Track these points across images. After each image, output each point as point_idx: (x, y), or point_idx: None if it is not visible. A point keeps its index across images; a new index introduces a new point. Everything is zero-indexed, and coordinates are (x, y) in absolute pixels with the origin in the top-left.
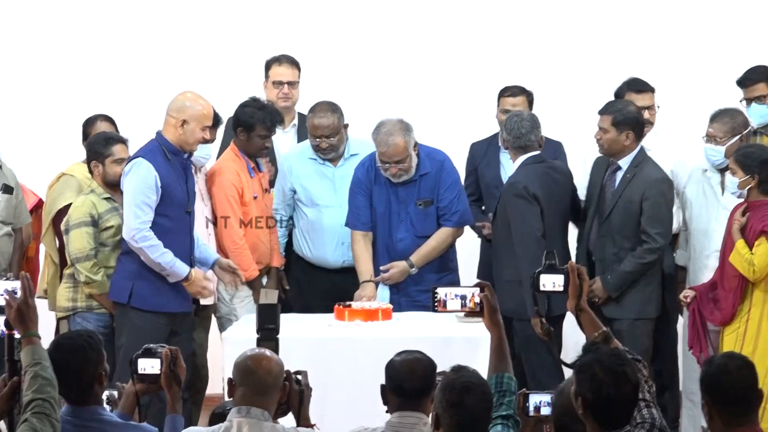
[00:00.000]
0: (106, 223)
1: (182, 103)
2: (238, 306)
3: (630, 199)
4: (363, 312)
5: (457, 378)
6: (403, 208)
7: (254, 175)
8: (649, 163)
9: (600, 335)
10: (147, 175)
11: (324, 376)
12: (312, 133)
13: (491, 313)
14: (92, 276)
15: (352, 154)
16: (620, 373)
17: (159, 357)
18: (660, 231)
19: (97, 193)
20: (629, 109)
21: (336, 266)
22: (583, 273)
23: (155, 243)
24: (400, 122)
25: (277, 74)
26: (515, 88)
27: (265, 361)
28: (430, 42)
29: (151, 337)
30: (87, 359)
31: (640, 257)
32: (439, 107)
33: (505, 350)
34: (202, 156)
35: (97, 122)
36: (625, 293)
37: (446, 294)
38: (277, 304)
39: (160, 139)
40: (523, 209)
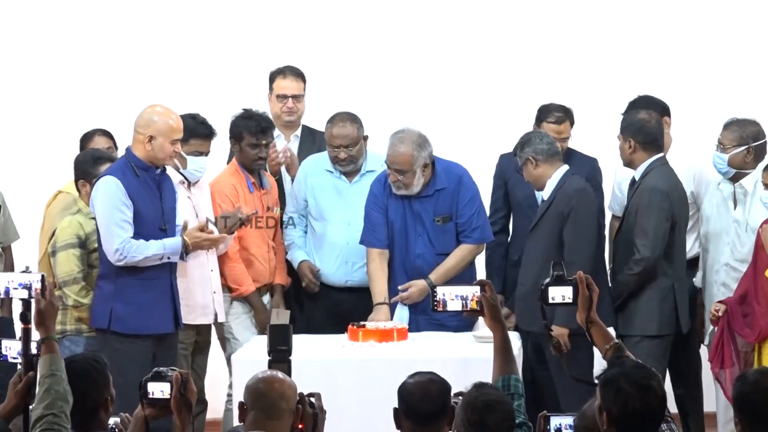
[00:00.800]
0: (94, 243)
1: (149, 118)
2: (234, 323)
3: (631, 213)
4: (377, 332)
5: (479, 396)
6: (419, 223)
7: (254, 190)
8: (656, 173)
9: (611, 348)
10: (114, 190)
11: (337, 399)
12: (330, 143)
13: (493, 312)
14: (80, 299)
15: (368, 170)
16: (647, 386)
17: (169, 380)
18: (644, 243)
19: (84, 213)
20: (634, 117)
21: (339, 285)
22: (593, 284)
23: (136, 245)
24: (419, 135)
25: (281, 87)
26: (558, 113)
27: (278, 383)
28: (449, 49)
29: (134, 361)
30: (92, 384)
31: (628, 267)
32: (458, 116)
33: (509, 350)
34: (195, 170)
35: (95, 137)
36: (623, 309)
37: (445, 294)
38: (289, 325)
39: (129, 155)
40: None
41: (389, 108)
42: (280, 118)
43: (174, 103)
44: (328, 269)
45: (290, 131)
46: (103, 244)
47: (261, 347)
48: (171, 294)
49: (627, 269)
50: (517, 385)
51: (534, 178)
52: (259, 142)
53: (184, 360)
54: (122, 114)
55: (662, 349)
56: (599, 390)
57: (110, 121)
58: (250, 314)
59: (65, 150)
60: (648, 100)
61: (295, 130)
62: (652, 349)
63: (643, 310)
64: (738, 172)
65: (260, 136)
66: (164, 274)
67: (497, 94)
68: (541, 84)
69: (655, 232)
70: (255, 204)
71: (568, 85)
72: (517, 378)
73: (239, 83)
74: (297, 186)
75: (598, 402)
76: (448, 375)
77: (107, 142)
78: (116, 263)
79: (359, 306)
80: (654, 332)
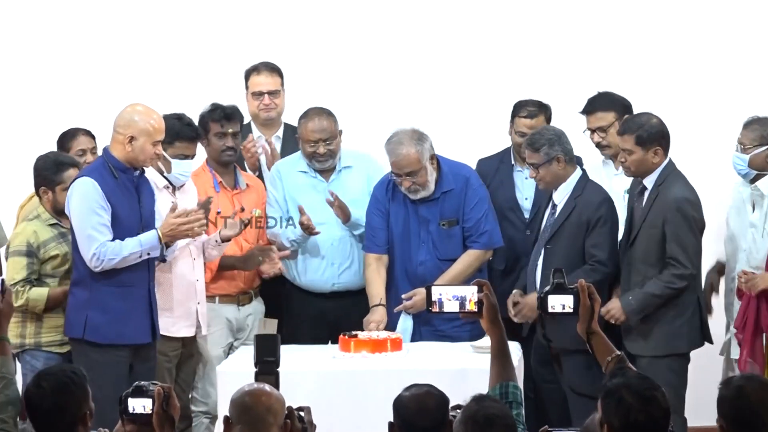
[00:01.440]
0: (49, 252)
1: (130, 118)
2: (208, 339)
3: (653, 224)
4: (370, 342)
5: (479, 410)
6: (423, 228)
7: (220, 190)
8: (674, 180)
9: (613, 360)
10: (92, 192)
11: (328, 413)
12: (308, 139)
13: (492, 313)
14: (19, 300)
15: (344, 167)
16: (650, 397)
17: (151, 395)
18: (687, 256)
19: (42, 219)
20: (652, 123)
21: (324, 290)
22: (594, 293)
23: (111, 247)
24: (413, 131)
25: (256, 84)
26: (532, 107)
27: (265, 396)
28: (430, 45)
29: (112, 372)
30: (70, 397)
31: (668, 281)
32: (436, 118)
33: (507, 355)
34: (180, 174)
35: (78, 136)
36: (650, 327)
37: (442, 294)
38: (277, 335)
39: (107, 156)
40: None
41: (370, 103)
42: (258, 117)
43: (156, 102)
44: (313, 273)
45: (271, 131)
46: (80, 249)
47: (247, 358)
48: (149, 303)
49: (665, 281)
50: (516, 393)
51: (552, 177)
52: (225, 131)
53: (168, 373)
54: (100, 113)
55: (686, 365)
56: (600, 402)
57: (90, 120)
58: (222, 329)
59: (44, 150)
60: (610, 97)
61: (276, 130)
62: (681, 367)
63: (669, 327)
64: (758, 174)
65: (225, 123)
66: (142, 282)
67: (475, 97)
68: (523, 86)
69: (693, 245)
70: (221, 203)
71: (551, 88)
72: (515, 385)
73: (225, 83)
74: (274, 189)
75: (600, 415)
76: (445, 387)
77: (90, 141)
78: (94, 269)
79: (349, 314)
80: (684, 349)
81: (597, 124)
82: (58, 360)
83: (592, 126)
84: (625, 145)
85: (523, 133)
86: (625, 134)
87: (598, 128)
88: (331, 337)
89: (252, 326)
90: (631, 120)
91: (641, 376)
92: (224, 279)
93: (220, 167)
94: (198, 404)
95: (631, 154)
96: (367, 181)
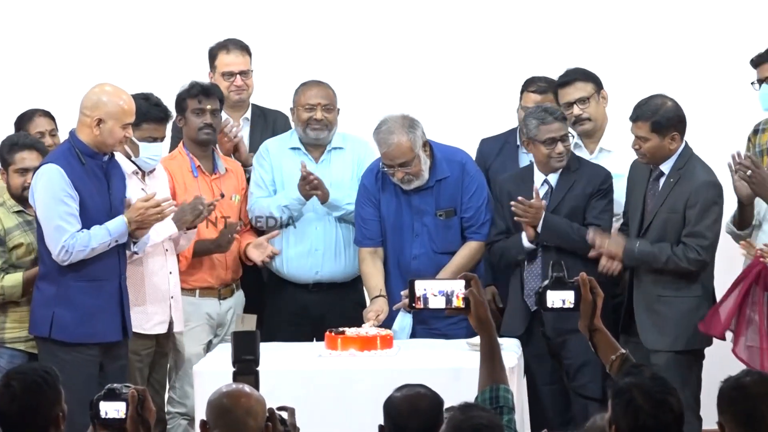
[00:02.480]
0: (15, 240)
1: (97, 99)
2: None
3: (673, 209)
4: (359, 340)
5: (465, 419)
6: (418, 219)
7: (198, 174)
8: (696, 164)
9: (618, 358)
10: (58, 180)
11: (313, 415)
12: (306, 103)
13: (480, 310)
14: None
15: (334, 147)
16: (661, 401)
17: (124, 399)
18: (703, 244)
19: (7, 206)
20: (667, 107)
21: (308, 281)
22: (596, 287)
23: (79, 238)
24: (403, 118)
25: (226, 64)
26: (542, 83)
27: (244, 398)
28: (426, 20)
29: (81, 372)
30: (42, 398)
31: (681, 258)
32: (434, 97)
33: (498, 355)
34: (149, 158)
35: (35, 118)
36: (665, 320)
37: (427, 289)
38: (256, 331)
39: (74, 140)
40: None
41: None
42: (227, 99)
43: (124, 82)
44: (295, 261)
45: (239, 114)
46: (46, 242)
47: (226, 356)
48: (119, 299)
49: (679, 259)
50: (507, 396)
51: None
52: (203, 107)
53: (139, 373)
54: (65, 93)
55: (702, 362)
56: (610, 401)
57: (51, 101)
58: (202, 325)
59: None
60: (582, 72)
61: (244, 112)
62: (698, 364)
63: (688, 321)
64: None
65: (203, 99)
66: (113, 276)
67: (476, 76)
68: (526, 66)
69: (715, 234)
70: (199, 188)
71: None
72: (506, 388)
73: (183, 62)
74: (261, 167)
75: (609, 414)
76: (439, 387)
77: (48, 123)
78: (62, 263)
79: (334, 309)
80: (704, 344)
81: (577, 95)
82: (23, 359)
83: (572, 98)
84: (640, 132)
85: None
86: (638, 120)
87: (578, 99)
88: (315, 334)
89: (232, 321)
90: (645, 105)
91: (655, 376)
92: (204, 269)
93: (197, 150)
94: (175, 405)
95: (647, 141)
96: (357, 165)
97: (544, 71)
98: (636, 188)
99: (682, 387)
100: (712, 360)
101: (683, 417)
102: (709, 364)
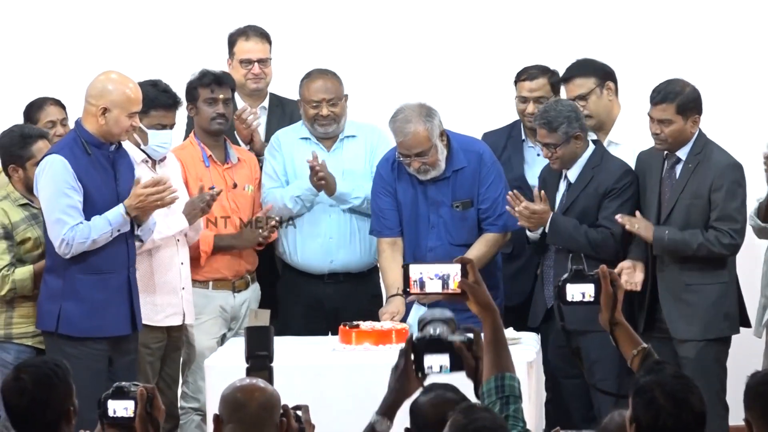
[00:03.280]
0: (22, 234)
1: (103, 87)
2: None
3: (696, 194)
4: (373, 334)
5: (468, 424)
6: (434, 210)
7: (210, 164)
8: (713, 147)
9: (639, 353)
10: (62, 172)
11: (327, 411)
12: (310, 99)
13: (477, 295)
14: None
15: (347, 136)
16: (683, 399)
17: (133, 397)
18: (735, 227)
19: (11, 199)
20: (690, 88)
21: (321, 272)
22: (617, 279)
23: (79, 230)
24: (420, 107)
25: (245, 51)
26: (534, 69)
27: (258, 392)
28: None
29: (90, 367)
30: (53, 392)
31: (713, 243)
32: (444, 89)
33: (503, 342)
34: (158, 145)
35: (46, 107)
36: (694, 309)
37: (423, 273)
38: (270, 327)
39: (79, 129)
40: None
41: (367, 73)
42: (244, 87)
43: (128, 70)
44: (309, 252)
45: (257, 102)
46: (49, 234)
47: (237, 351)
48: (128, 291)
49: (711, 244)
50: (513, 385)
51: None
52: (216, 96)
53: (150, 367)
54: (72, 81)
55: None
56: (630, 398)
57: (59, 90)
58: (215, 318)
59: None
60: (589, 63)
61: (261, 101)
62: (726, 353)
63: (717, 308)
64: None
65: (216, 89)
66: (120, 269)
67: (480, 68)
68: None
69: (744, 216)
70: (211, 179)
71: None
72: (512, 376)
73: (198, 49)
74: (272, 157)
75: (629, 412)
76: (456, 381)
77: (60, 112)
78: (64, 255)
79: (348, 301)
80: (733, 332)
81: (576, 92)
82: (31, 354)
83: (571, 95)
84: (665, 114)
85: (524, 98)
86: (663, 103)
87: (577, 96)
88: (329, 328)
89: (246, 315)
90: (667, 87)
91: (678, 374)
92: (218, 259)
93: (209, 139)
94: (189, 400)
95: (671, 124)
96: (370, 153)
97: (551, 64)
98: (649, 178)
99: (712, 376)
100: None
101: (705, 416)
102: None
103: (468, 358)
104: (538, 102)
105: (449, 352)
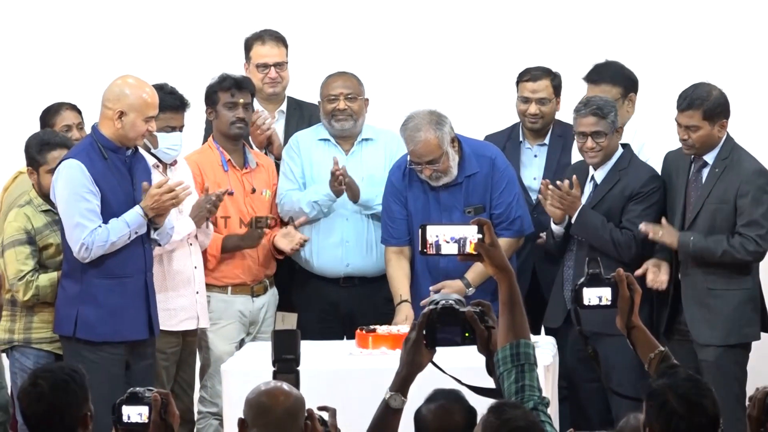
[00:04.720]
0: (44, 240)
1: (120, 91)
2: (210, 329)
3: (722, 199)
4: (390, 338)
5: (501, 424)
6: (446, 216)
7: (229, 168)
8: (741, 152)
9: (656, 356)
10: (79, 176)
11: (344, 415)
12: (328, 94)
13: (494, 256)
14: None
15: (364, 139)
16: (696, 403)
17: (147, 403)
18: (761, 233)
19: (34, 205)
20: (715, 94)
21: (337, 275)
22: (634, 283)
23: (98, 234)
24: (431, 114)
25: (261, 55)
26: (536, 71)
27: (283, 396)
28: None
29: (108, 372)
30: (71, 397)
31: (737, 250)
32: (448, 94)
33: (519, 306)
34: (168, 148)
35: (62, 111)
36: (716, 314)
37: (439, 235)
38: (297, 331)
39: (96, 134)
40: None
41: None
42: (261, 91)
43: (145, 74)
44: (325, 256)
45: (274, 106)
46: (67, 239)
47: (255, 355)
48: (145, 295)
49: (736, 251)
50: (528, 352)
51: (612, 149)
52: (236, 100)
53: (165, 372)
54: (89, 86)
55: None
56: (644, 403)
57: (76, 94)
58: (234, 323)
59: (26, 126)
60: (619, 69)
61: (279, 105)
62: (746, 358)
63: (739, 313)
64: None
65: (236, 93)
66: (138, 273)
67: (485, 70)
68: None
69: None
70: (230, 183)
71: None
72: (527, 343)
73: (213, 54)
74: (290, 159)
75: (643, 416)
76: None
77: (75, 117)
78: (83, 260)
79: (363, 305)
80: (755, 337)
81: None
82: (49, 359)
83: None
84: (691, 120)
85: (526, 98)
86: (689, 109)
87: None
88: (344, 332)
89: (264, 319)
90: (692, 94)
91: (691, 378)
92: (235, 264)
93: (228, 143)
94: (207, 404)
95: (698, 130)
96: (389, 159)
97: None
98: (675, 180)
99: (732, 380)
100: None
101: (719, 419)
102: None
103: (480, 329)
104: (540, 103)
105: (461, 324)
